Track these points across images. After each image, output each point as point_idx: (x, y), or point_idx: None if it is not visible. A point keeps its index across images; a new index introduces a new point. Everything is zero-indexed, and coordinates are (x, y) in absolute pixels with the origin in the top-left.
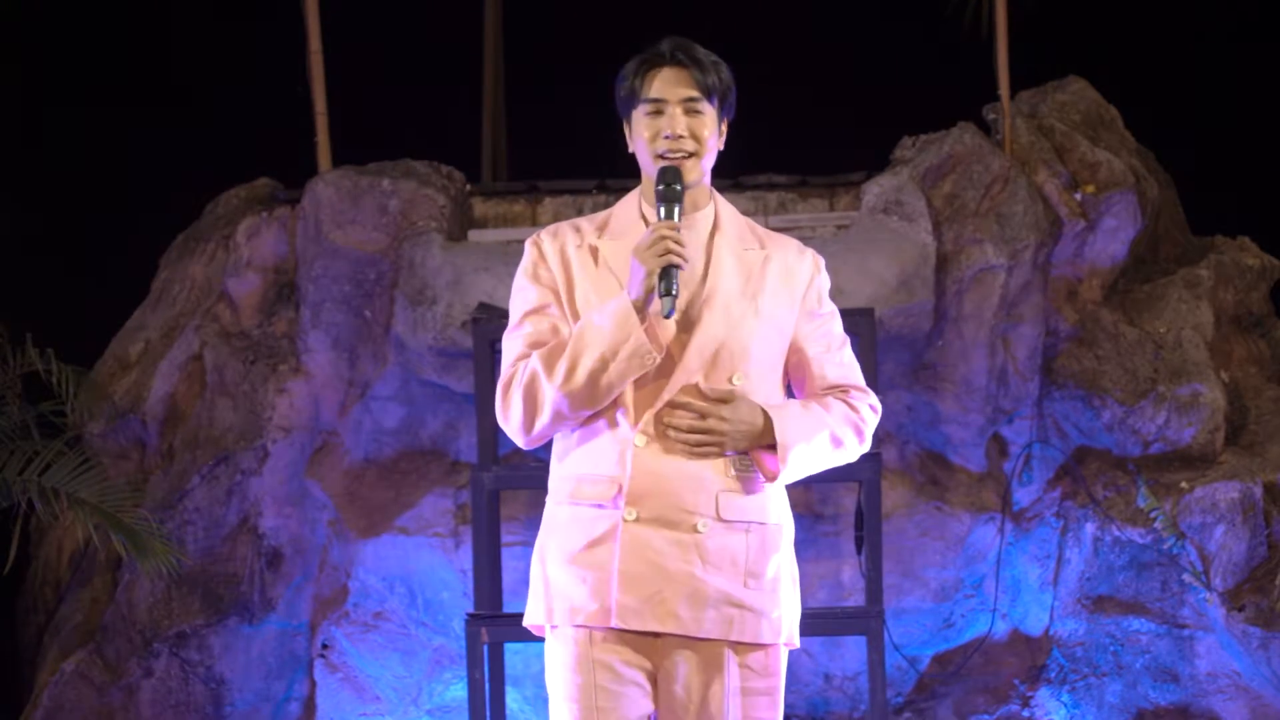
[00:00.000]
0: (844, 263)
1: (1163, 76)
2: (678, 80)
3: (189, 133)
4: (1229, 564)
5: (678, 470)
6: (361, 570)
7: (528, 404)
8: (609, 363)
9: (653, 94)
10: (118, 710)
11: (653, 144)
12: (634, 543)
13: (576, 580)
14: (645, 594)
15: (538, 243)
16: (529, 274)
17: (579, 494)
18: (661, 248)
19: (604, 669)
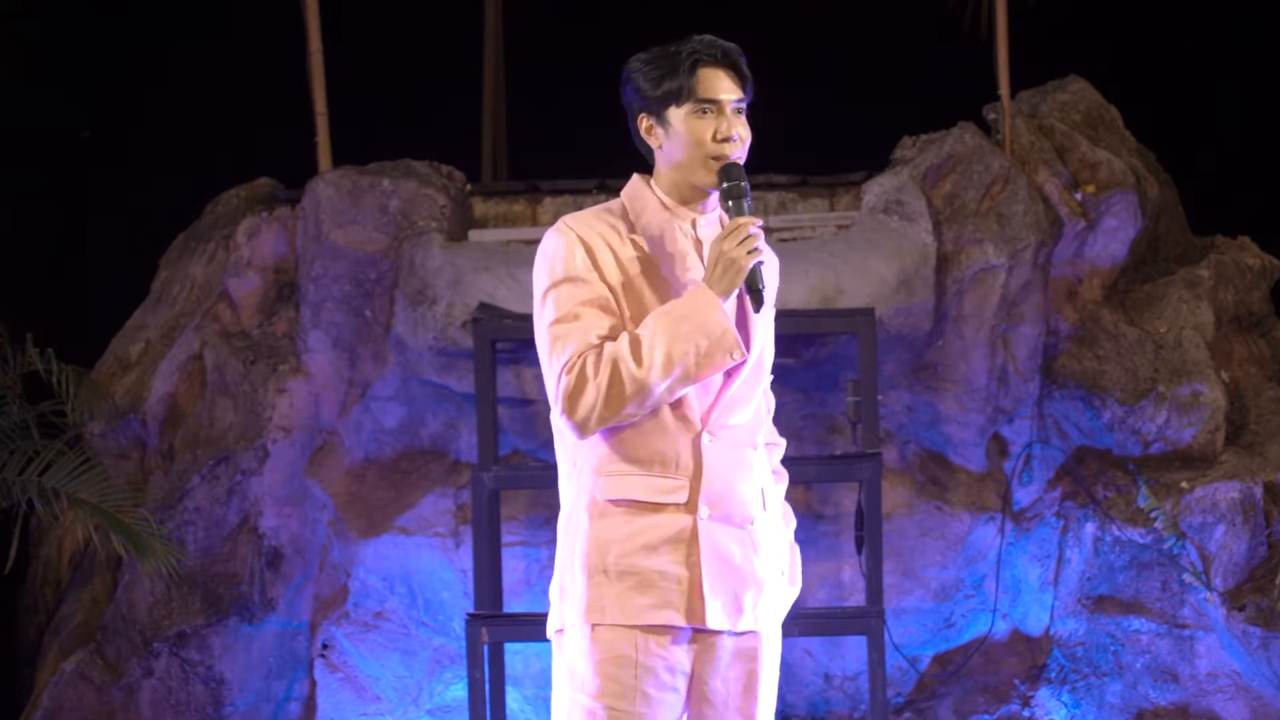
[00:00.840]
0: (844, 263)
1: (1163, 76)
2: (730, 83)
3: (190, 132)
4: (1229, 564)
5: (737, 464)
6: (362, 570)
7: (611, 393)
8: (701, 354)
9: (707, 94)
10: (118, 710)
11: (703, 145)
12: (712, 542)
13: (654, 579)
14: (729, 594)
15: (579, 234)
16: (580, 264)
17: (642, 490)
18: (751, 244)
19: (648, 673)
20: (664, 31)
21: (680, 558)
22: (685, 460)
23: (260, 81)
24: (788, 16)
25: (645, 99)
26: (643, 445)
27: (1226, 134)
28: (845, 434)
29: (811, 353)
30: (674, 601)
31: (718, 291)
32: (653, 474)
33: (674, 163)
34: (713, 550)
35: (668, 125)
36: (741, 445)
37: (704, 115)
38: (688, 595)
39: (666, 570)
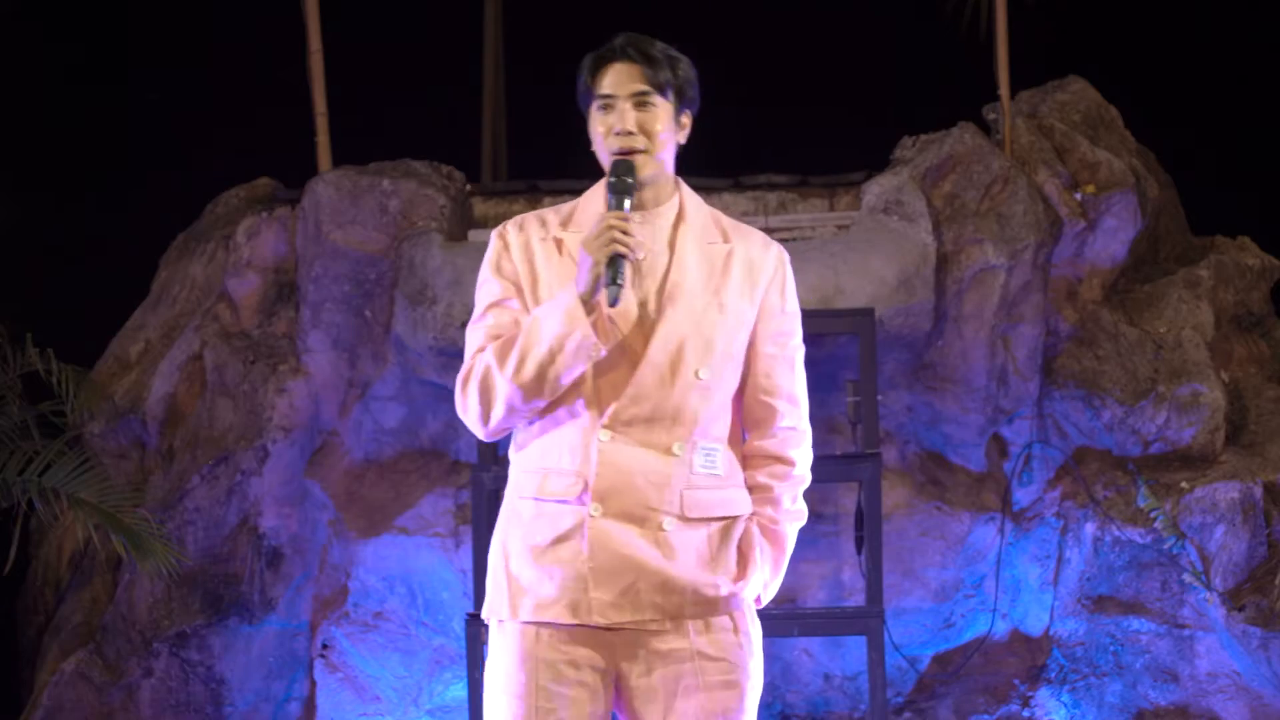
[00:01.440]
0: (844, 262)
1: (1163, 76)
2: (629, 75)
3: (189, 133)
4: (1229, 564)
5: (644, 466)
6: (361, 570)
7: (483, 396)
8: (556, 355)
9: (604, 89)
10: (118, 710)
11: (605, 140)
12: (601, 538)
13: (544, 576)
14: (619, 587)
15: (503, 234)
16: (493, 266)
17: (544, 489)
18: (608, 237)
19: (548, 668)
20: (664, 31)
21: (570, 555)
22: (580, 458)
23: (260, 81)
24: (787, 17)
25: (579, 101)
26: (546, 445)
27: (1226, 134)
28: (845, 434)
29: (811, 353)
30: (562, 598)
31: (579, 287)
32: (550, 471)
33: (600, 160)
34: (602, 547)
35: (588, 123)
36: (650, 447)
37: (604, 110)
38: (575, 592)
39: (555, 568)
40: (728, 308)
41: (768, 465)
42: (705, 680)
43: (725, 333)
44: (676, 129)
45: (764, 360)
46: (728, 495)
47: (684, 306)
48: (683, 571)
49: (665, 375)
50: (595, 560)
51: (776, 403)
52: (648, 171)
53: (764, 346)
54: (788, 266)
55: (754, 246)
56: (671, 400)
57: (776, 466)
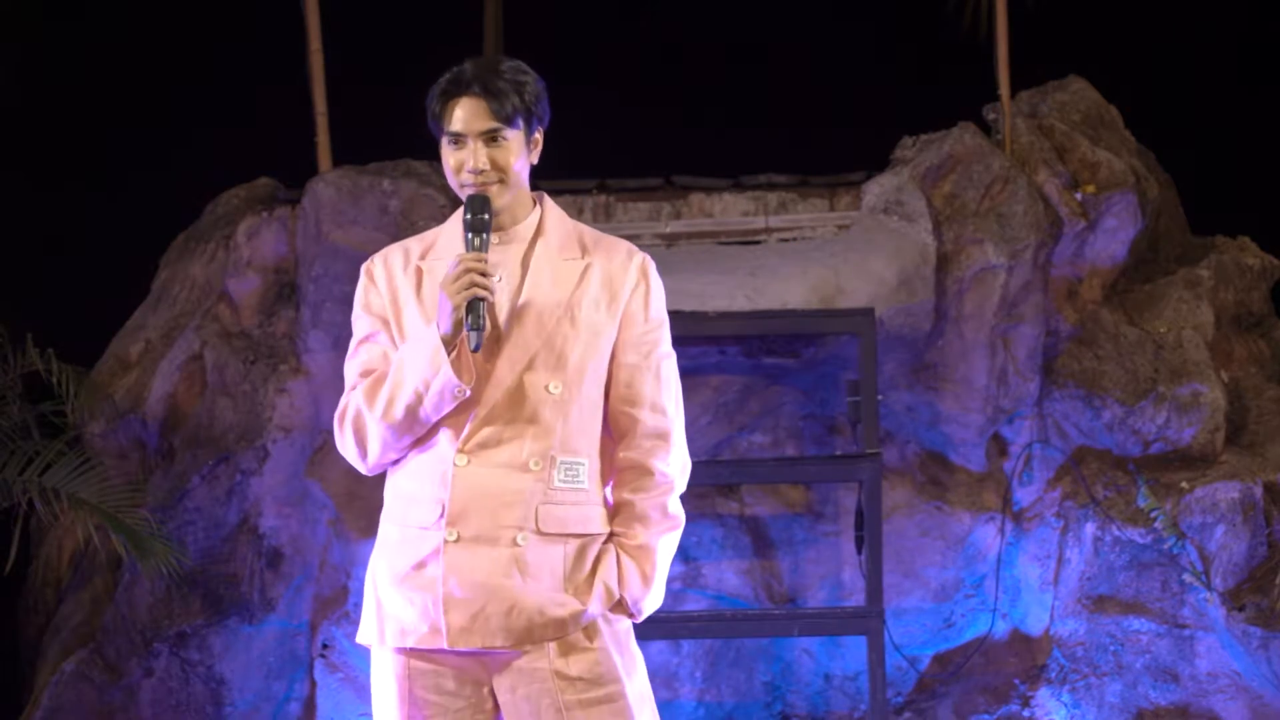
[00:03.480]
0: (844, 262)
1: (1163, 76)
2: (476, 112)
3: (189, 132)
4: (1229, 564)
5: (499, 486)
6: (362, 570)
7: (358, 436)
8: (423, 397)
9: (454, 127)
10: (118, 710)
11: (457, 175)
12: (456, 563)
13: (405, 602)
14: (471, 613)
15: (369, 270)
16: (360, 302)
17: (406, 516)
18: (466, 281)
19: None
20: (663, 31)
21: (427, 580)
22: (438, 483)
23: (260, 81)
24: (787, 16)
25: (430, 125)
26: (407, 470)
27: (1226, 134)
28: (845, 434)
29: (811, 353)
30: (422, 624)
31: (440, 330)
32: (413, 498)
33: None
34: (456, 571)
35: (442, 153)
36: (505, 466)
37: (455, 147)
38: (434, 617)
39: (415, 593)
40: (580, 321)
41: (634, 478)
42: (568, 699)
43: (579, 346)
44: (529, 152)
45: (625, 370)
46: (588, 512)
47: (533, 323)
48: (534, 593)
49: (515, 392)
50: (448, 585)
51: (638, 412)
52: (502, 201)
53: (625, 356)
54: (652, 276)
55: (615, 258)
56: (524, 416)
57: (642, 478)
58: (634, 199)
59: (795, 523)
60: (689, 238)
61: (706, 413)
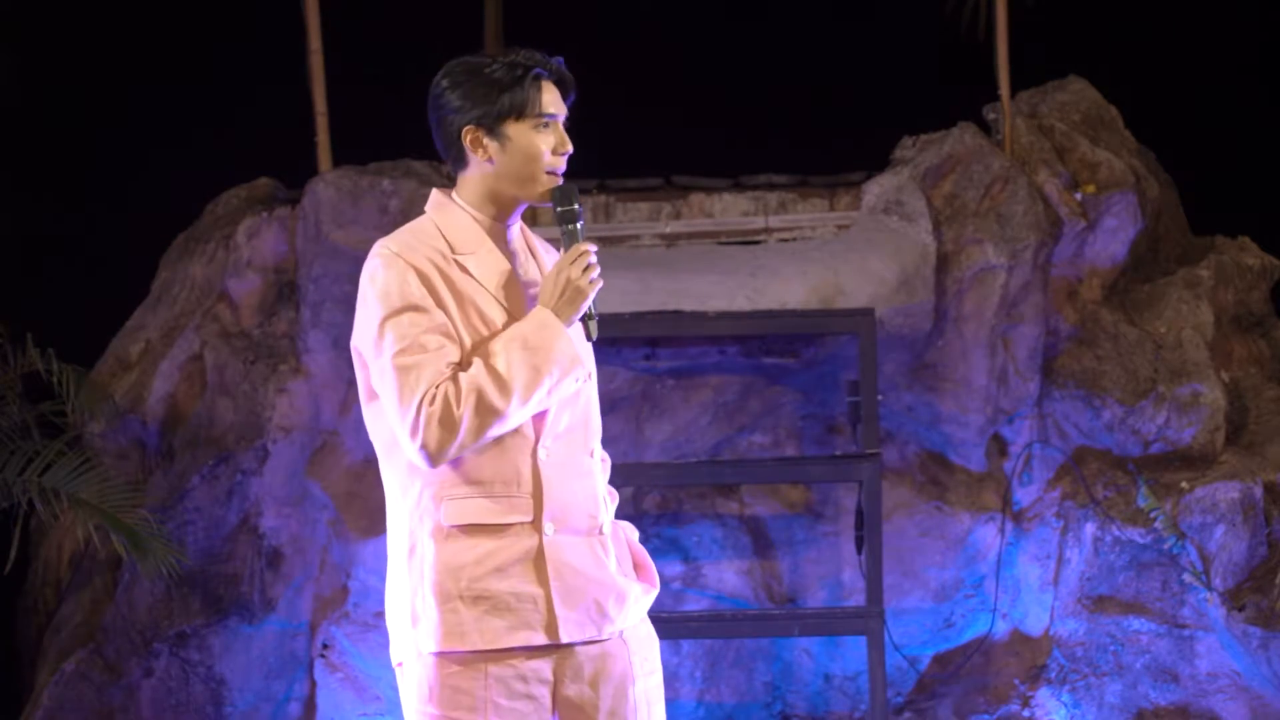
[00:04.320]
0: (844, 263)
1: (1163, 76)
2: (558, 97)
3: (189, 132)
4: (1229, 564)
5: (577, 475)
6: (362, 570)
7: (477, 423)
8: (558, 381)
9: (548, 109)
10: (118, 710)
11: (542, 159)
12: (560, 556)
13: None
14: (586, 605)
15: (409, 261)
16: (415, 291)
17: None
18: (593, 271)
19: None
20: (663, 31)
21: (532, 576)
22: (525, 477)
23: (260, 81)
24: (786, 16)
25: (479, 109)
26: (482, 467)
27: (1226, 134)
28: (845, 434)
29: (811, 353)
30: (531, 621)
31: (562, 318)
32: (495, 494)
33: (504, 176)
34: (562, 564)
35: (503, 139)
36: (576, 452)
37: (543, 130)
38: (544, 613)
39: (520, 591)
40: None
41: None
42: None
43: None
44: None
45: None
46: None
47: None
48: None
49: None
50: (559, 580)
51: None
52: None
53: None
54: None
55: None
56: (580, 404)
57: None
58: (634, 199)
59: (795, 523)
60: (689, 238)
61: (706, 413)
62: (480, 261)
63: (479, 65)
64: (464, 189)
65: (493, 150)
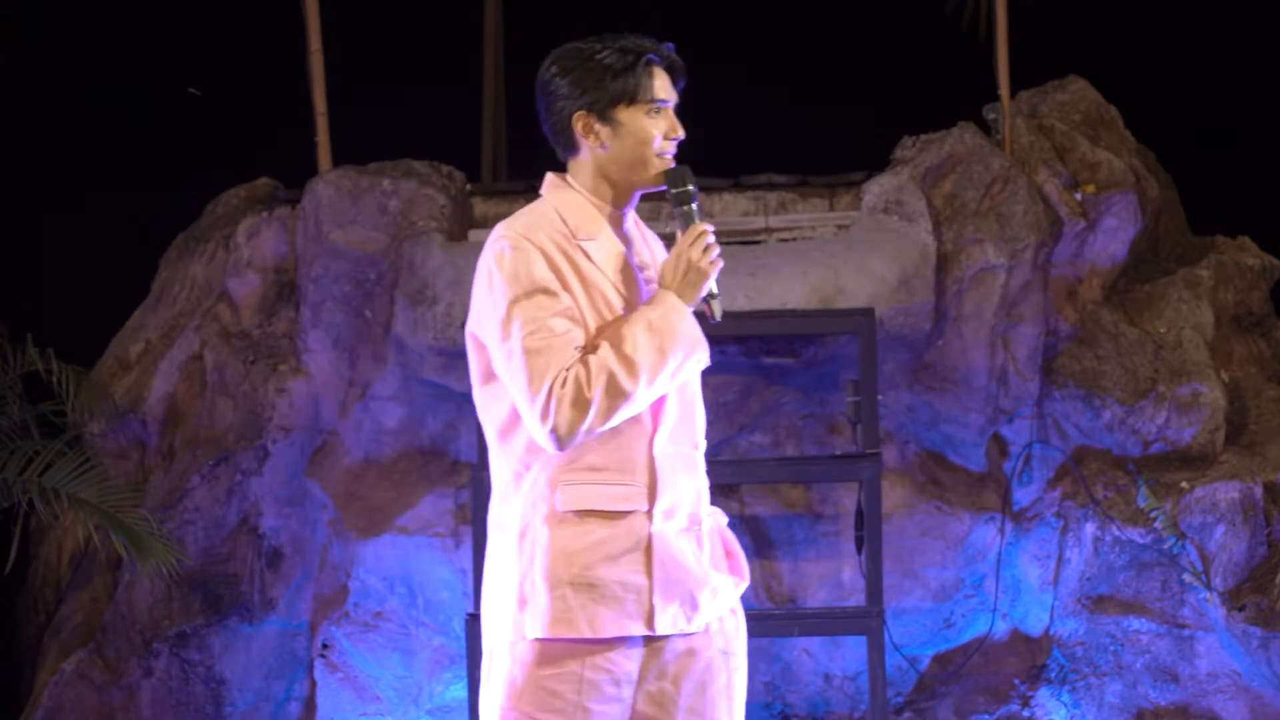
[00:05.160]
0: (844, 262)
1: (1163, 76)
2: (669, 83)
3: (190, 132)
4: (1229, 564)
5: (685, 467)
6: (362, 570)
7: (607, 405)
8: (682, 362)
9: (660, 94)
10: (118, 710)
11: (653, 144)
12: (666, 547)
13: (615, 590)
14: (683, 598)
15: (534, 242)
16: (543, 274)
17: (605, 499)
18: (713, 251)
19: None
20: (663, 32)
21: (639, 566)
22: (640, 465)
23: (260, 81)
24: (787, 16)
25: (589, 95)
26: (600, 454)
27: (1226, 134)
28: (845, 434)
29: (811, 353)
30: (632, 612)
31: (685, 299)
32: (610, 482)
33: (616, 162)
34: (667, 556)
35: (615, 124)
36: (685, 444)
37: (655, 115)
38: (644, 604)
39: (627, 580)
40: None
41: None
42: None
43: None
44: None
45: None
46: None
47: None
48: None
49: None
50: (662, 571)
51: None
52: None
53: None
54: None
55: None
56: (688, 395)
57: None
58: None
59: (795, 523)
60: None
61: (706, 413)
62: (600, 246)
63: (589, 51)
64: (577, 174)
65: (604, 136)
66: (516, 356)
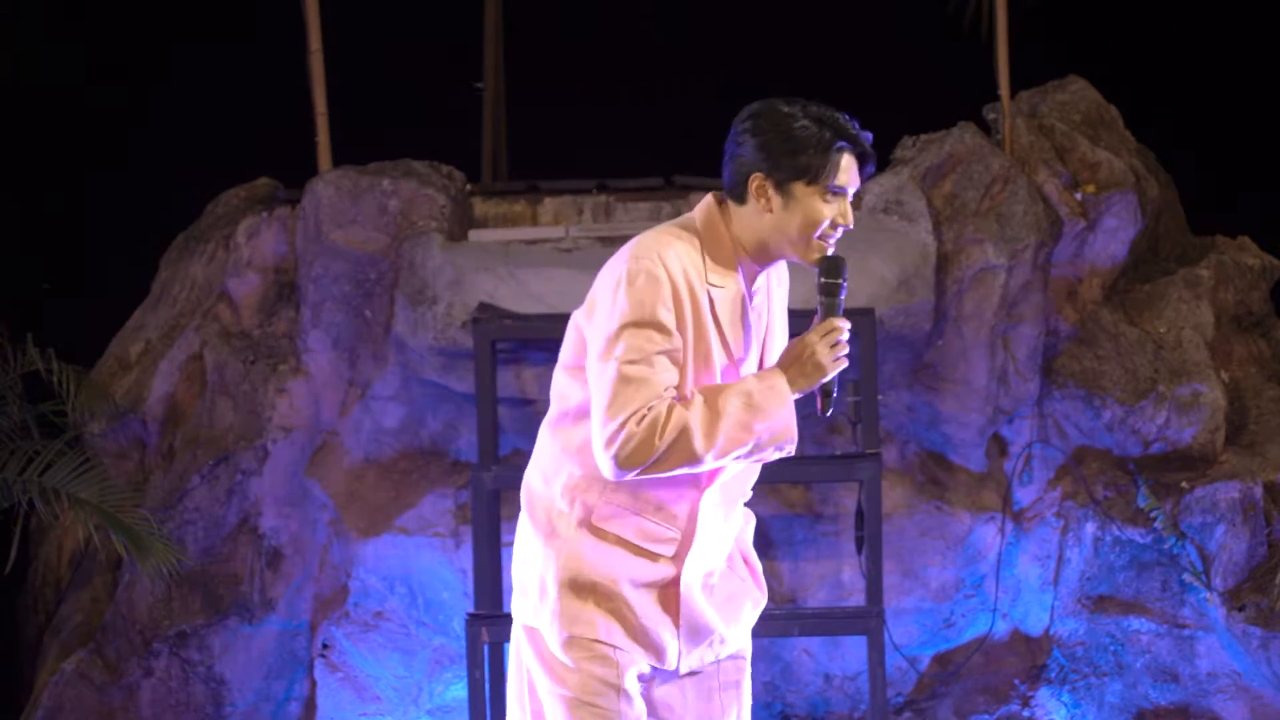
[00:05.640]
0: None
1: (1163, 76)
2: (855, 173)
3: (190, 132)
4: (1229, 564)
5: (725, 520)
6: (362, 570)
7: (671, 457)
8: (761, 446)
9: (842, 183)
10: (118, 710)
11: (818, 228)
12: (690, 594)
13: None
14: (703, 641)
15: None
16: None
17: (640, 533)
18: (841, 349)
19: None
20: (664, 31)
21: (660, 603)
22: (683, 516)
23: (260, 81)
24: (787, 16)
25: (772, 162)
26: (648, 489)
27: (1227, 134)
28: (845, 434)
29: None
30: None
31: (795, 387)
32: (650, 519)
33: (777, 231)
34: (692, 602)
35: (788, 196)
36: (734, 498)
37: (830, 200)
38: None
39: (649, 611)
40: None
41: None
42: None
43: None
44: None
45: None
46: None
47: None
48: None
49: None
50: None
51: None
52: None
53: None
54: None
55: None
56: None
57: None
58: (634, 199)
59: (795, 523)
60: None
61: None
62: (725, 294)
63: (787, 117)
64: (735, 221)
65: (775, 205)
66: (609, 375)
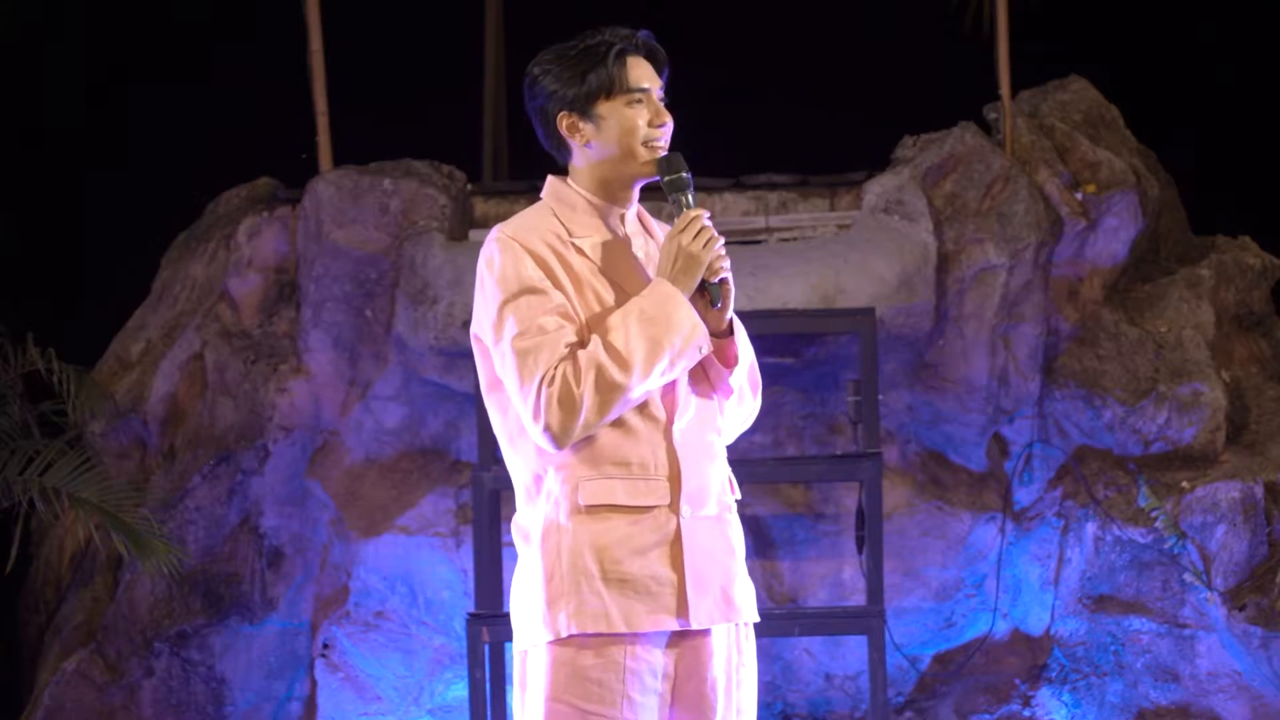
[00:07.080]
0: (845, 262)
1: (1163, 76)
2: (652, 70)
3: (189, 132)
4: (1230, 563)
5: (705, 453)
6: (362, 570)
7: (599, 400)
8: (675, 353)
9: (638, 83)
10: (118, 710)
11: (637, 133)
12: (695, 540)
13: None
14: (716, 590)
15: (525, 245)
16: (532, 274)
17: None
18: (705, 236)
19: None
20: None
21: (668, 559)
22: (661, 458)
23: (260, 81)
24: (788, 16)
25: (566, 96)
26: (618, 448)
27: (1226, 134)
28: (846, 434)
29: (812, 352)
30: (667, 605)
31: (680, 287)
32: (633, 476)
33: (605, 157)
34: (697, 548)
35: (597, 119)
36: (705, 432)
37: (636, 104)
38: (678, 597)
39: (658, 574)
40: None
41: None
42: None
43: None
44: None
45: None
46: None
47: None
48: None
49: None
50: (694, 563)
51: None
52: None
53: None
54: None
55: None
56: (705, 379)
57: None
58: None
59: (796, 523)
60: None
61: None
62: (597, 244)
63: (564, 50)
64: (575, 176)
65: (589, 133)
66: (509, 358)
